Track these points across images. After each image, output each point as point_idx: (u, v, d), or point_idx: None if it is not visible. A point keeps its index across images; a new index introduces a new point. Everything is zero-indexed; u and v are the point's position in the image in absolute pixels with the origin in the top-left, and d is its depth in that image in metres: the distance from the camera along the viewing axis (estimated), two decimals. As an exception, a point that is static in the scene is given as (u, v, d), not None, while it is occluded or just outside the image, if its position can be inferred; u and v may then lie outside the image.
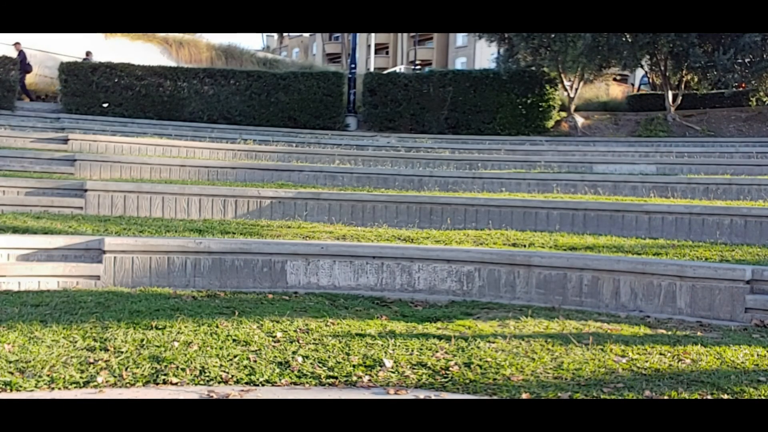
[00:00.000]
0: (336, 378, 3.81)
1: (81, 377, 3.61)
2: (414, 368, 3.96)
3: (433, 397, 3.57)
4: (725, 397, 3.64)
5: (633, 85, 31.42)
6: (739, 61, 17.18)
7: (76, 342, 4.13)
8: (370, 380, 3.79)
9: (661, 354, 4.33)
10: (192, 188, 8.84)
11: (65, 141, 12.94)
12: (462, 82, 18.62)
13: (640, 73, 27.02)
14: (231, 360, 3.96)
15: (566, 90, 19.20)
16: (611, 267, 6.00)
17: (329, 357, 4.10)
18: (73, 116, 16.63)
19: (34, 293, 5.49)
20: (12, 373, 3.59)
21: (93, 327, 4.42)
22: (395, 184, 10.85)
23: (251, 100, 18.28)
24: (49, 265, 5.99)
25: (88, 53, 20.01)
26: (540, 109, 18.53)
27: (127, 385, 3.59)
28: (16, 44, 18.54)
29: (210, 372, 3.77)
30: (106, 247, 6.09)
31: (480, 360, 4.09)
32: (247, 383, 3.69)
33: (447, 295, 6.25)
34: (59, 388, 3.50)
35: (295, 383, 3.73)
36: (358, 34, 25.49)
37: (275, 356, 4.06)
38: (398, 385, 3.72)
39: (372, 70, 32.92)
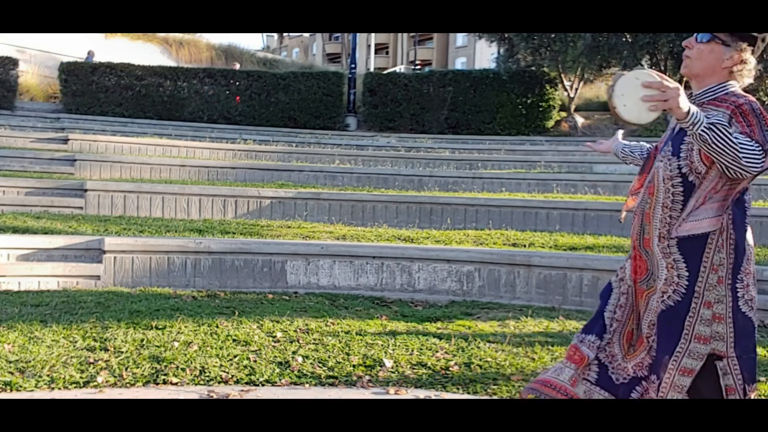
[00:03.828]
0: (336, 378, 3.81)
1: (81, 377, 3.61)
2: (414, 368, 3.96)
3: (433, 397, 3.57)
4: (725, 397, 3.65)
5: (633, 85, 31.35)
6: (739, 61, 17.15)
7: (76, 342, 4.13)
8: (370, 380, 3.79)
9: (661, 354, 4.33)
10: (192, 188, 8.84)
11: (65, 141, 12.95)
12: (462, 82, 18.63)
13: (640, 73, 27.02)
14: (231, 360, 3.96)
15: (566, 90, 19.21)
16: (611, 267, 5.99)
17: (329, 357, 4.10)
18: (73, 116, 16.64)
19: (34, 293, 5.49)
20: (12, 373, 3.59)
21: (93, 327, 4.42)
22: (395, 184, 10.85)
23: (251, 100, 18.29)
24: (49, 265, 5.99)
25: (234, 65, 20.92)
26: (540, 109, 18.54)
27: (127, 385, 3.59)
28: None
29: (210, 372, 3.77)
30: (106, 247, 6.09)
31: (480, 360, 4.09)
32: (247, 383, 3.69)
33: (447, 295, 6.25)
34: (59, 388, 3.50)
35: (295, 383, 3.73)
36: (358, 34, 25.49)
37: (275, 356, 4.06)
38: (398, 385, 3.72)
39: (372, 70, 32.93)
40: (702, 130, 2.20)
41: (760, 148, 2.23)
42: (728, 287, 2.36)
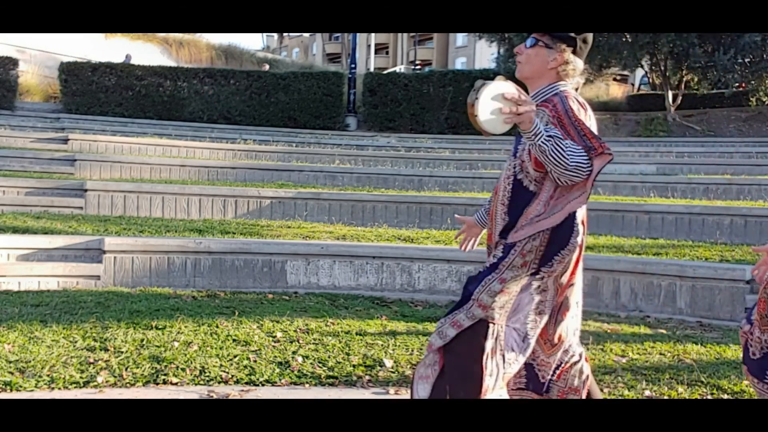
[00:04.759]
0: (336, 378, 3.81)
1: (81, 377, 3.61)
2: (414, 368, 3.95)
3: (433, 397, 3.56)
4: (725, 397, 3.65)
5: (633, 85, 31.44)
6: (739, 61, 17.19)
7: (76, 342, 4.13)
8: (370, 380, 3.79)
9: (661, 354, 4.33)
10: (192, 188, 8.84)
11: (65, 141, 12.94)
12: (462, 82, 18.61)
13: (640, 73, 27.04)
14: (231, 360, 3.96)
15: (566, 90, 19.18)
16: (611, 267, 6.00)
17: (329, 357, 4.10)
18: (73, 116, 16.62)
19: (34, 293, 5.49)
20: (12, 373, 3.59)
21: (93, 327, 4.42)
22: (395, 184, 10.85)
23: (251, 100, 18.28)
24: (49, 265, 5.99)
25: (264, 66, 21.65)
26: (540, 109, 18.51)
27: (127, 385, 3.59)
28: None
29: (210, 372, 3.77)
30: (106, 247, 6.09)
31: (480, 360, 4.08)
32: (247, 383, 3.69)
33: (447, 295, 6.25)
34: (59, 388, 3.50)
35: (295, 383, 3.73)
36: (358, 34, 25.49)
37: (275, 356, 4.06)
38: (398, 385, 3.72)
39: (372, 70, 32.92)
40: (542, 141, 2.35)
41: (586, 155, 2.38)
42: (531, 272, 2.52)
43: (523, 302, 2.54)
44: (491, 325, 2.51)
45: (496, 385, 2.52)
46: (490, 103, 2.29)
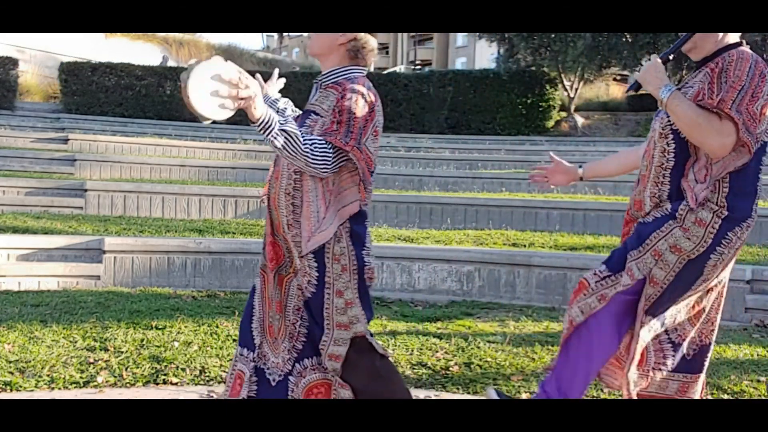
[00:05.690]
0: (336, 378, 3.80)
1: (81, 377, 3.61)
2: (414, 368, 3.96)
3: (433, 397, 3.56)
4: (725, 397, 3.65)
5: (633, 85, 31.37)
6: (739, 61, 17.17)
7: (76, 342, 4.13)
8: (370, 380, 3.79)
9: (661, 354, 4.32)
10: (192, 188, 8.84)
11: (65, 141, 12.95)
12: (462, 82, 18.63)
13: (640, 73, 27.02)
14: (231, 360, 3.96)
15: (566, 90, 19.21)
16: (611, 267, 5.99)
17: (329, 357, 4.09)
18: (73, 116, 16.62)
19: (34, 293, 5.49)
20: (12, 373, 3.59)
21: (93, 327, 4.42)
22: (395, 184, 10.85)
23: (251, 100, 18.27)
24: (49, 265, 5.99)
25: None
26: (540, 109, 18.54)
27: (127, 385, 3.59)
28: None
29: (210, 372, 3.77)
30: (106, 247, 6.09)
31: (480, 360, 4.09)
32: (247, 383, 3.69)
33: (447, 295, 6.25)
34: (59, 388, 3.50)
35: (295, 383, 3.73)
36: (358, 34, 25.49)
37: (275, 356, 4.05)
38: (398, 385, 3.72)
39: (372, 70, 32.92)
40: (273, 136, 2.22)
41: (332, 149, 2.33)
42: (353, 272, 2.43)
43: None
44: (365, 338, 2.47)
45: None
46: (208, 85, 2.03)
